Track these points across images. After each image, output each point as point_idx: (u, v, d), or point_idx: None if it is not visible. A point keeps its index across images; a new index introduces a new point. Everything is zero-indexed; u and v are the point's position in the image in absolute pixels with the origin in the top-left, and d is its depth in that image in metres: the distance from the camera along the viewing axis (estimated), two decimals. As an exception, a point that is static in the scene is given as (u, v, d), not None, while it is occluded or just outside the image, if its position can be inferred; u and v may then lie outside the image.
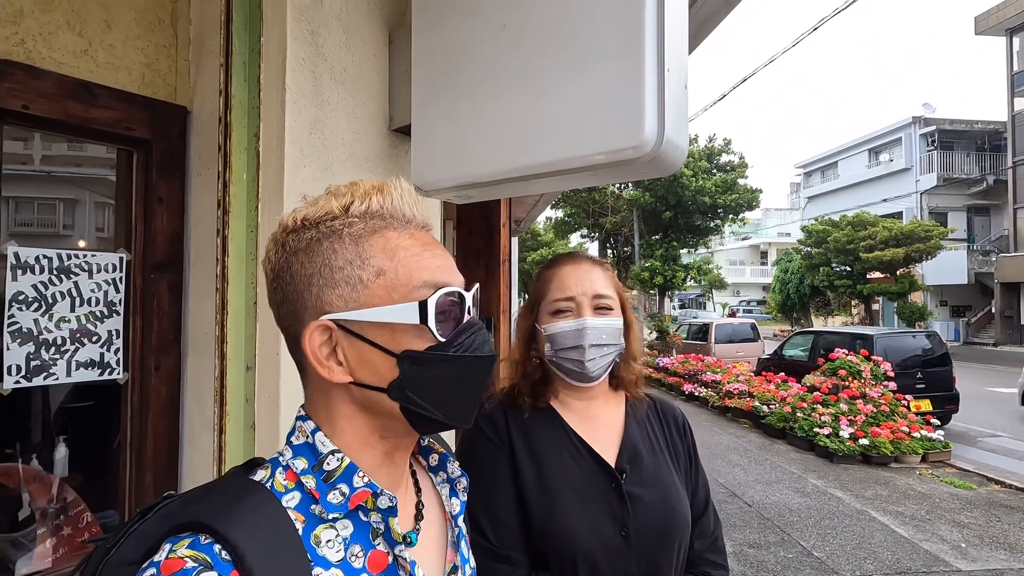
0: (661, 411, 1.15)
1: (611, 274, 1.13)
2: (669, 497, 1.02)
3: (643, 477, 1.02)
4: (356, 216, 0.58)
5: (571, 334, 1.04)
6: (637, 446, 1.06)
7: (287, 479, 0.57)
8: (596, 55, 1.03)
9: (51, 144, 1.47)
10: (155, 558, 0.48)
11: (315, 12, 1.29)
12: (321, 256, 0.57)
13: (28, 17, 1.22)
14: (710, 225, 20.03)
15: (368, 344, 0.57)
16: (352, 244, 0.58)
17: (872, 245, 20.50)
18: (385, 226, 0.59)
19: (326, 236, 0.58)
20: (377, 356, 0.57)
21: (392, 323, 0.57)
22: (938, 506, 5.42)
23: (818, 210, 30.30)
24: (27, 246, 1.26)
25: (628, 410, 1.12)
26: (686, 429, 1.16)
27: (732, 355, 13.75)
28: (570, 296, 1.06)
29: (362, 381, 0.58)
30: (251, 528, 0.50)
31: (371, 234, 0.58)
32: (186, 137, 1.45)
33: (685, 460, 1.11)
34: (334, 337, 0.58)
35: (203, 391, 1.37)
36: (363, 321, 0.57)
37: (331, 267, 0.57)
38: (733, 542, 4.62)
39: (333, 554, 0.55)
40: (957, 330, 23.62)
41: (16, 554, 1.30)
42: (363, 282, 0.57)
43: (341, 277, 0.57)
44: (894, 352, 8.65)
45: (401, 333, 0.57)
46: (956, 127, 25.32)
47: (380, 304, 0.57)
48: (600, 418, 1.09)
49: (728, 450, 7.47)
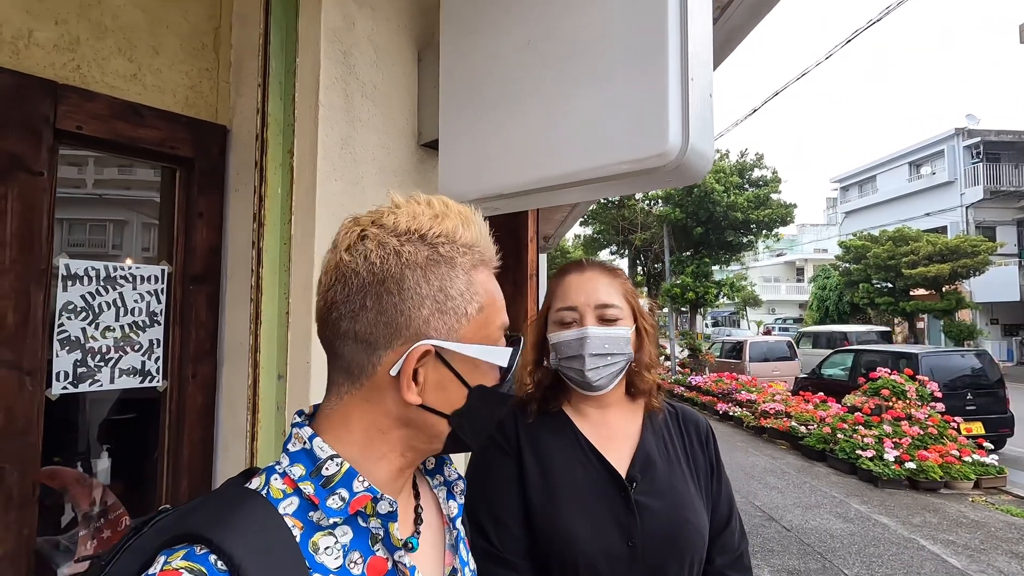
0: (682, 420, 1.13)
1: (621, 281, 1.10)
2: (682, 508, 0.99)
3: (655, 487, 1.00)
4: (465, 246, 0.59)
5: (573, 344, 1.03)
6: (651, 455, 1.04)
7: (284, 485, 0.56)
8: (619, 65, 1.04)
9: (103, 168, 1.56)
10: (150, 571, 0.47)
11: (347, 33, 1.35)
12: (439, 280, 0.57)
13: (84, 44, 1.30)
14: (743, 241, 19.64)
15: (452, 373, 0.59)
16: (464, 275, 0.59)
17: (915, 261, 19.73)
18: (482, 263, 0.62)
19: (445, 261, 0.58)
20: (455, 386, 0.60)
21: (479, 360, 0.60)
22: (993, 535, 5.10)
23: (856, 225, 29.43)
24: (77, 258, 1.33)
25: (646, 419, 1.10)
26: (709, 439, 1.12)
27: (767, 374, 13.36)
28: (572, 306, 1.05)
29: (430, 405, 0.59)
30: (246, 537, 0.49)
31: (474, 268, 0.61)
32: (225, 154, 1.52)
33: (706, 472, 1.08)
34: (424, 360, 0.58)
35: (236, 399, 1.41)
36: (457, 352, 0.59)
37: (446, 295, 0.58)
38: (772, 568, 4.44)
39: (332, 561, 0.54)
40: (1011, 350, 22.43)
41: (59, 556, 1.34)
42: (467, 315, 0.59)
43: (451, 307, 0.58)
44: (941, 372, 8.27)
45: (480, 369, 0.61)
46: (1003, 138, 24.37)
47: (472, 339, 0.60)
48: (614, 426, 1.08)
49: (765, 472, 7.21)
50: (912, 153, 28.17)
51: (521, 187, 1.21)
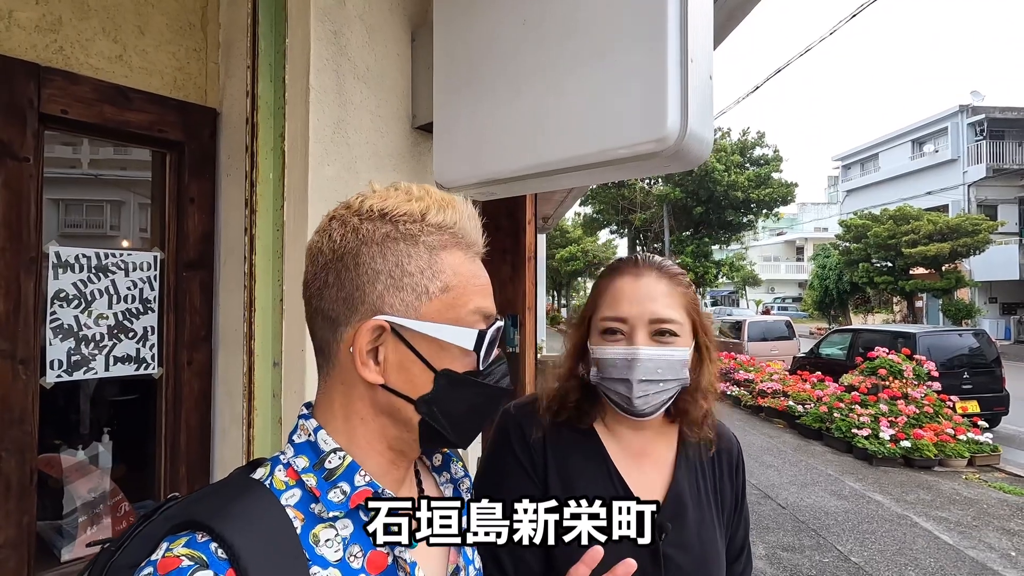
0: (716, 446, 1.00)
1: (684, 289, 0.94)
2: (708, 562, 0.90)
3: (684, 538, 0.90)
4: (432, 226, 0.58)
5: (619, 363, 0.89)
6: (683, 497, 0.93)
7: (287, 476, 0.57)
8: (617, 47, 1.02)
9: (98, 149, 1.53)
10: (152, 557, 0.48)
11: (338, 12, 1.31)
12: (395, 256, 0.57)
13: (67, 25, 1.26)
14: (743, 220, 19.57)
15: (414, 354, 0.58)
16: (427, 253, 0.58)
17: (915, 240, 19.67)
18: (455, 244, 0.60)
19: (404, 237, 0.58)
20: (418, 368, 0.58)
21: (443, 341, 0.58)
22: (986, 512, 5.18)
23: (857, 204, 29.27)
24: (67, 246, 1.31)
25: (680, 446, 0.97)
26: (739, 469, 1.01)
27: (766, 353, 13.41)
28: (623, 317, 0.90)
29: (393, 387, 0.58)
30: (247, 526, 0.50)
31: (443, 248, 0.59)
32: (216, 138, 1.49)
33: (731, 505, 0.98)
34: (382, 338, 0.58)
35: (233, 386, 1.40)
36: (417, 331, 0.57)
37: (403, 270, 0.57)
38: (766, 544, 4.51)
39: (332, 553, 0.54)
40: (1008, 328, 22.51)
41: (60, 540, 1.36)
42: (428, 293, 0.58)
43: (409, 283, 0.57)
44: (938, 351, 8.30)
45: (447, 352, 0.59)
46: (1007, 115, 24.09)
47: (436, 319, 0.58)
48: (648, 454, 0.96)
49: (761, 451, 7.29)
50: (915, 131, 27.90)
51: (517, 172, 1.19)
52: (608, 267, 1.01)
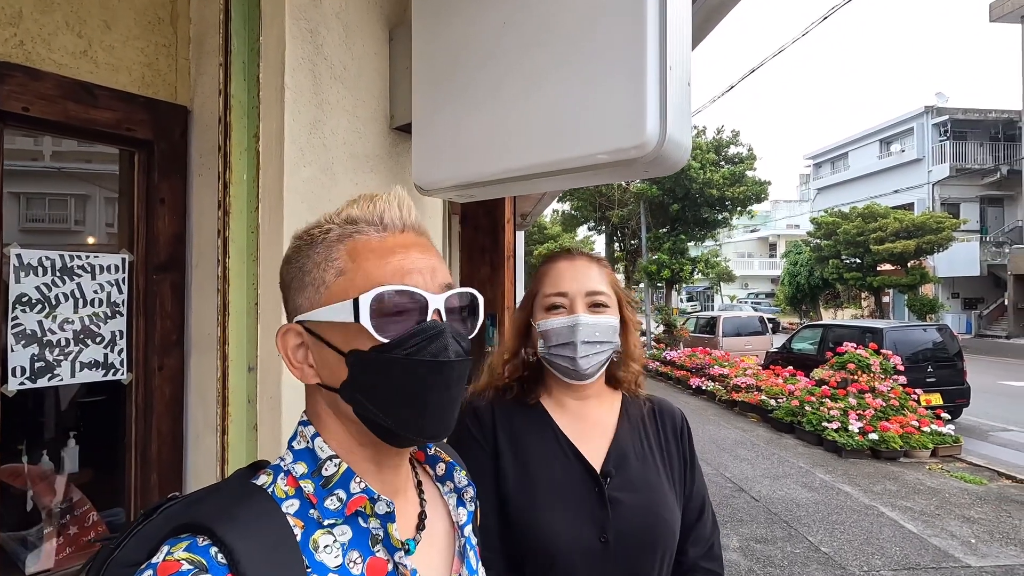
0: (659, 413, 1.13)
1: (609, 272, 1.12)
2: (655, 503, 1.00)
3: (628, 482, 1.01)
4: (335, 223, 0.60)
5: (564, 331, 1.03)
6: (626, 449, 1.05)
7: (288, 485, 0.57)
8: (597, 52, 1.02)
9: (60, 140, 1.47)
10: (153, 560, 0.48)
11: (314, 10, 1.28)
12: (299, 262, 0.61)
13: (27, 19, 1.21)
14: (718, 218, 19.85)
15: (324, 343, 0.58)
16: (324, 249, 0.59)
17: (883, 237, 20.26)
18: (357, 231, 0.59)
19: (307, 244, 0.61)
20: (332, 356, 0.58)
21: (340, 323, 0.56)
22: (948, 501, 5.38)
23: (828, 202, 29.98)
24: (31, 247, 1.26)
25: (622, 411, 1.10)
26: (683, 432, 1.13)
27: (740, 348, 13.68)
28: (563, 292, 1.05)
29: (325, 382, 0.59)
30: (248, 532, 0.50)
31: (342, 239, 0.59)
32: (187, 137, 1.45)
33: (680, 465, 1.09)
34: (305, 339, 0.60)
35: (206, 392, 1.37)
36: (320, 321, 0.58)
37: (303, 271, 0.60)
38: (740, 537, 4.61)
39: (331, 559, 0.54)
40: (969, 322, 23.35)
41: (24, 552, 1.31)
42: (325, 283, 0.58)
43: (308, 280, 0.59)
44: (904, 346, 8.57)
45: (351, 333, 0.56)
46: (969, 116, 24.91)
47: (332, 303, 0.58)
48: (591, 418, 1.08)
49: (735, 444, 7.44)
50: (883, 131, 28.68)
51: (496, 175, 1.19)
52: (546, 257, 1.17)
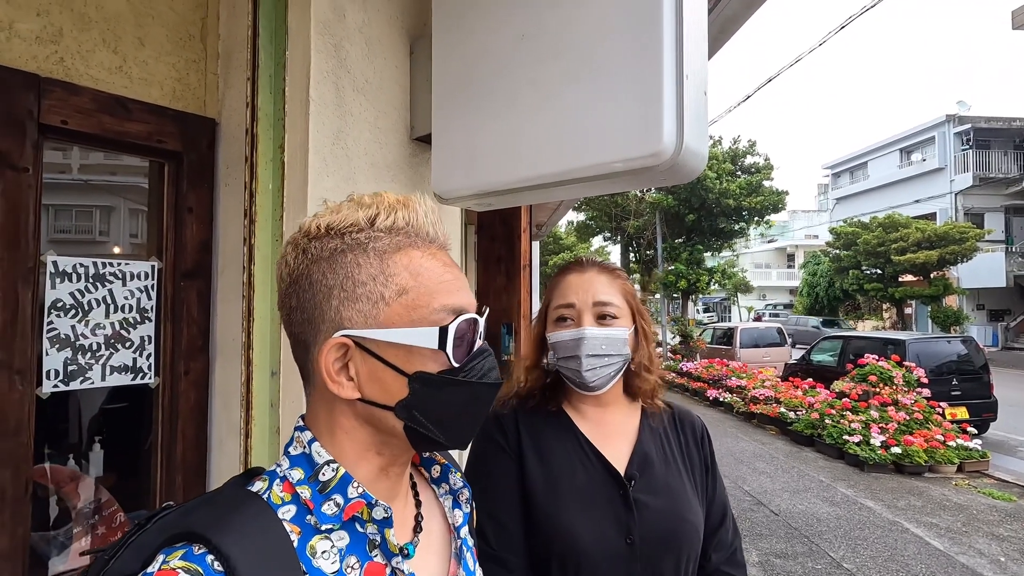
0: (679, 420, 1.14)
1: (623, 282, 1.11)
2: (678, 506, 1.01)
3: (652, 485, 1.01)
4: (382, 230, 0.58)
5: (570, 343, 1.03)
6: (649, 454, 1.05)
7: (284, 491, 0.57)
8: (613, 62, 1.04)
9: (88, 153, 1.53)
10: (148, 569, 0.48)
11: (338, 26, 1.32)
12: (344, 269, 0.57)
13: (67, 36, 1.27)
14: (735, 228, 19.72)
15: (382, 363, 0.57)
16: (376, 259, 0.57)
17: (904, 247, 19.92)
18: (409, 244, 0.59)
19: (351, 248, 0.57)
20: (389, 375, 0.57)
21: (409, 345, 0.56)
22: (975, 518, 5.23)
23: (847, 212, 29.58)
24: (65, 255, 1.31)
25: (643, 419, 1.11)
26: (704, 439, 1.14)
27: (758, 360, 13.49)
28: (570, 303, 1.06)
29: (370, 398, 0.57)
30: (244, 539, 0.50)
31: (395, 251, 0.58)
32: (215, 148, 1.50)
33: (701, 470, 1.10)
34: (349, 353, 0.57)
35: (230, 396, 1.40)
36: (379, 340, 0.56)
37: (354, 281, 0.56)
38: (759, 551, 4.53)
39: (328, 565, 0.54)
40: (995, 335, 22.76)
41: (52, 552, 1.35)
42: (384, 300, 0.56)
43: (363, 292, 0.56)
44: (927, 358, 8.39)
45: (416, 355, 0.57)
46: (993, 125, 24.46)
47: (398, 323, 0.57)
48: (613, 425, 1.09)
49: (754, 457, 7.32)
50: (903, 139, 28.27)
51: (514, 184, 1.21)
52: (559, 268, 1.17)
